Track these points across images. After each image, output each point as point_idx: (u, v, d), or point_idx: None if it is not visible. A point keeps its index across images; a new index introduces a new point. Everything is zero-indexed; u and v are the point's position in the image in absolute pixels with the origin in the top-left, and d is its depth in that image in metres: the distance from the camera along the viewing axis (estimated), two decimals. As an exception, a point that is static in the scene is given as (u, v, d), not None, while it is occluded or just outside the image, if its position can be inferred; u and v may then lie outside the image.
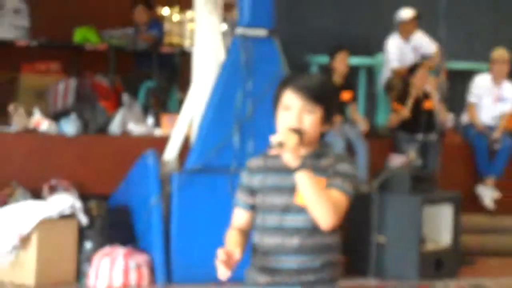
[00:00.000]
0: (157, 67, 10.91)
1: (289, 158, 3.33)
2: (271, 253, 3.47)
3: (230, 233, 3.52)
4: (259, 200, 3.51)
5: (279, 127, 3.46)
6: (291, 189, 3.42)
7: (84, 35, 11.09)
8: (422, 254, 8.14)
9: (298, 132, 3.38)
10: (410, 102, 9.58)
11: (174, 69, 10.98)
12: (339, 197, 3.40)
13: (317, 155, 3.46)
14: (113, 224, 7.78)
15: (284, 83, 3.50)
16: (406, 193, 8.28)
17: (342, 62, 9.66)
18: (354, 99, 9.86)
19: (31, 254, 7.39)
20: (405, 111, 9.53)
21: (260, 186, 3.51)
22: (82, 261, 7.59)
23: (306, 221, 3.43)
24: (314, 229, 3.44)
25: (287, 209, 3.45)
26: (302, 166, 3.34)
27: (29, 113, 9.08)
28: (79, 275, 7.56)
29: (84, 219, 7.66)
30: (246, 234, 3.55)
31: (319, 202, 3.36)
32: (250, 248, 3.61)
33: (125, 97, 9.78)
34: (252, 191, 3.52)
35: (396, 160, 9.05)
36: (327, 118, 3.48)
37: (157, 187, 7.63)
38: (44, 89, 10.33)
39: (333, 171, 3.43)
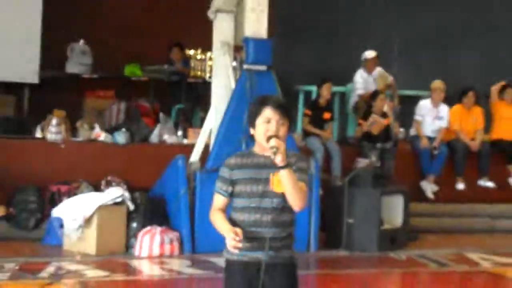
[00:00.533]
0: (185, 94, 10.90)
1: (280, 158, 3.30)
2: (250, 226, 3.43)
3: (218, 214, 3.50)
4: (238, 189, 3.47)
5: (260, 133, 3.43)
6: (266, 180, 3.41)
7: (131, 70, 11.12)
8: (380, 232, 8.14)
9: (278, 137, 3.36)
10: (371, 119, 9.58)
11: (197, 95, 10.94)
12: (305, 188, 3.40)
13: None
14: (152, 210, 7.79)
15: (263, 102, 3.47)
16: (369, 187, 8.28)
17: (327, 90, 9.69)
18: (332, 119, 9.86)
19: (92, 231, 7.43)
20: (367, 126, 9.55)
21: (239, 178, 3.47)
22: (129, 236, 7.60)
23: (277, 203, 3.42)
24: (282, 209, 3.43)
25: (264, 194, 3.42)
26: (288, 165, 3.33)
27: (91, 128, 9.14)
28: (128, 247, 7.58)
29: (131, 206, 7.68)
30: (225, 213, 3.54)
31: (296, 192, 3.35)
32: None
33: (161, 116, 9.76)
34: (231, 182, 3.48)
35: (362, 163, 9.06)
36: (290, 129, 3.49)
37: (184, 182, 7.63)
38: (102, 110, 10.37)
39: (296, 167, 3.41)
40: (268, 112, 3.43)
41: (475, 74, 11.45)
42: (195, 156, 8.06)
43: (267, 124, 3.42)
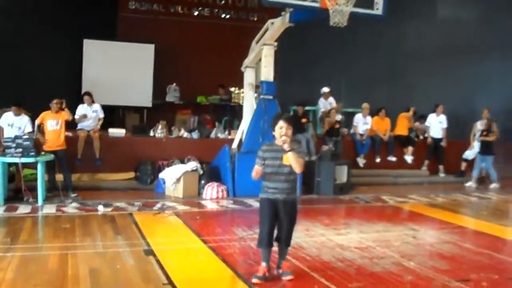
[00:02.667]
0: (229, 111, 10.90)
1: (287, 146, 3.36)
2: (273, 181, 3.45)
3: (255, 171, 3.51)
4: (267, 162, 3.47)
5: (277, 134, 3.46)
6: (281, 158, 3.43)
7: (201, 99, 11.15)
8: (335, 185, 8.08)
9: (286, 135, 3.41)
10: (328, 125, 9.52)
11: (235, 112, 10.92)
12: (302, 161, 3.41)
13: (291, 144, 3.47)
14: (212, 173, 7.72)
15: (278, 118, 3.52)
16: (329, 160, 8.24)
17: (300, 109, 9.65)
18: (308, 121, 9.82)
19: (180, 185, 7.39)
20: (326, 124, 9.51)
21: (267, 157, 3.48)
22: (200, 187, 7.54)
23: (287, 170, 3.44)
24: (290, 173, 3.46)
25: (280, 165, 3.44)
26: (292, 149, 3.37)
27: (179, 130, 9.17)
28: (199, 193, 7.50)
29: (200, 171, 7.65)
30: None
31: (298, 163, 3.37)
32: (261, 183, 3.58)
33: (217, 124, 9.78)
34: (263, 159, 3.49)
35: (325, 148, 9.03)
36: (293, 132, 3.52)
37: (229, 159, 7.58)
38: (185, 120, 10.43)
39: (298, 150, 3.42)
40: (281, 123, 3.50)
41: (384, 100, 11.34)
42: (234, 145, 8.05)
43: (280, 129, 3.48)
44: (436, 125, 10.22)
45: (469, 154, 9.87)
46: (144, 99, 10.72)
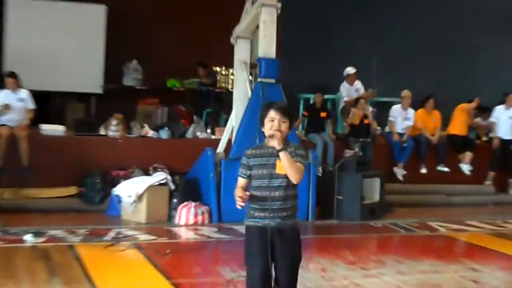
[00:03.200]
0: (212, 101, 10.92)
1: (276, 143, 3.33)
2: (264, 199, 3.40)
3: (238, 188, 3.48)
4: (254, 172, 3.45)
5: (267, 129, 3.44)
6: (273, 165, 3.39)
7: (172, 83, 11.18)
8: (362, 206, 8.13)
9: (279, 131, 3.39)
10: (351, 113, 9.55)
11: (222, 102, 10.95)
12: (301, 167, 3.38)
13: (285, 147, 3.42)
14: (188, 189, 7.79)
15: (268, 107, 3.48)
16: (354, 171, 8.27)
17: (318, 97, 9.77)
18: (328, 116, 9.86)
19: (143, 205, 7.44)
20: (349, 119, 9.56)
21: (254, 164, 3.45)
22: (171, 209, 7.60)
23: (282, 182, 3.39)
24: (287, 186, 3.40)
25: (272, 176, 3.40)
26: (284, 148, 3.34)
27: (142, 127, 9.18)
28: (170, 217, 7.57)
29: (172, 186, 7.71)
30: (245, 190, 3.50)
31: (293, 168, 3.33)
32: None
33: (195, 118, 9.80)
34: (249, 167, 3.46)
35: (348, 153, 9.05)
36: (290, 126, 3.47)
37: (213, 168, 7.63)
38: (150, 113, 10.43)
39: (295, 153, 3.40)
40: (272, 114, 3.43)
41: (432, 86, 11.38)
42: (220, 148, 8.08)
43: (271, 123, 3.42)
44: (506, 121, 10.26)
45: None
46: (92, 82, 10.51)
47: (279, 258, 3.41)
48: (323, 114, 9.73)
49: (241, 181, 3.51)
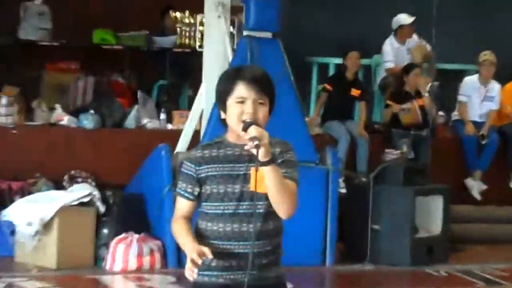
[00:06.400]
0: (169, 67, 10.93)
1: (263, 153, 3.21)
2: (225, 239, 3.40)
3: (181, 223, 3.43)
4: (208, 190, 3.43)
5: (233, 118, 3.36)
6: (244, 177, 3.37)
7: (102, 37, 11.08)
8: (415, 241, 8.10)
9: (257, 124, 3.27)
10: (408, 105, 9.54)
11: (185, 69, 10.92)
12: (294, 188, 3.34)
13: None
14: (128, 212, 7.77)
15: (235, 77, 3.39)
16: (400, 184, 8.24)
17: (354, 61, 9.78)
18: (363, 97, 9.85)
19: (52, 239, 7.39)
20: (397, 107, 9.52)
21: (208, 175, 3.42)
22: (99, 246, 7.58)
23: (261, 207, 3.39)
24: (267, 215, 3.39)
25: (242, 196, 3.38)
26: (273, 160, 3.26)
27: (51, 109, 9.10)
28: (97, 259, 7.55)
29: (101, 207, 7.65)
30: (191, 222, 3.46)
31: (283, 195, 3.30)
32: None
33: (140, 95, 9.74)
34: (198, 181, 3.43)
35: (391, 154, 9.02)
36: (271, 109, 3.41)
37: (169, 178, 7.59)
38: (65, 86, 10.32)
39: (282, 159, 3.36)
40: (241, 90, 3.35)
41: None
42: (182, 145, 8.03)
43: (240, 105, 3.35)
44: None
45: None
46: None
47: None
48: (355, 92, 9.75)
49: (184, 206, 3.47)
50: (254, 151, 3.22)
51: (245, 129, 3.25)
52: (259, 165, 3.25)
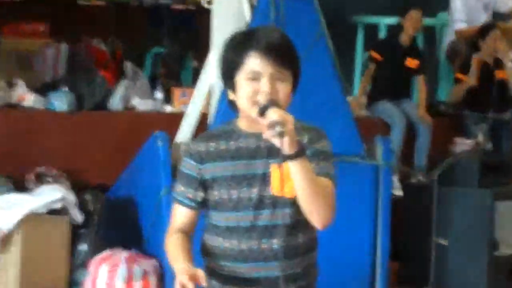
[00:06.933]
0: (167, 29, 11.00)
1: (288, 143, 3.20)
2: (241, 259, 3.46)
3: (175, 239, 3.50)
4: (216, 195, 3.47)
5: (244, 98, 3.40)
6: (263, 178, 3.41)
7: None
8: (494, 260, 8.17)
9: (278, 105, 3.29)
10: (475, 69, 9.56)
11: (189, 32, 10.99)
12: (330, 187, 3.36)
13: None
14: (114, 222, 7.83)
15: (244, 43, 3.43)
16: (475, 185, 8.28)
17: (414, 22, 9.83)
18: (422, 69, 9.88)
19: (13, 258, 7.43)
20: (471, 80, 9.52)
21: (216, 176, 3.47)
22: (75, 266, 7.64)
23: (286, 217, 3.43)
24: (296, 226, 3.44)
25: (261, 203, 3.42)
26: (303, 151, 3.25)
27: (11, 85, 9.13)
28: (72, 284, 7.62)
29: (78, 216, 7.69)
30: (191, 237, 3.53)
31: (317, 197, 3.31)
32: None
33: (128, 66, 9.79)
34: (201, 184, 3.48)
35: (462, 145, 9.03)
36: (295, 86, 3.46)
37: (168, 175, 7.57)
38: (29, 55, 10.37)
39: (313, 150, 3.38)
40: (253, 62, 3.39)
41: None
42: (185, 133, 8.08)
43: (253, 83, 3.38)
44: None
45: None
46: None
47: None
48: (411, 63, 9.82)
49: (181, 216, 3.55)
50: (275, 141, 3.20)
51: (261, 113, 3.27)
52: (283, 160, 3.25)
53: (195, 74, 9.23)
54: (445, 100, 10.35)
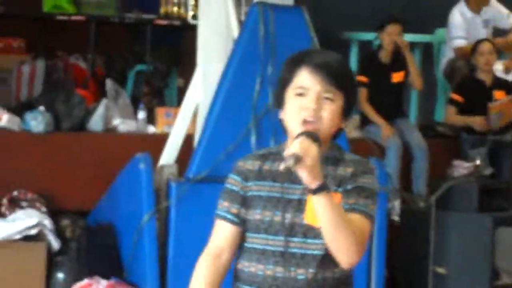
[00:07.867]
0: (151, 46, 10.97)
1: (308, 176, 3.23)
2: (264, 287, 3.49)
3: (206, 269, 3.54)
4: (250, 215, 3.52)
5: (289, 117, 3.45)
6: (298, 204, 3.45)
7: (55, 3, 11.11)
8: (495, 289, 8.13)
9: (315, 136, 3.31)
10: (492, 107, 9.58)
11: (173, 48, 10.98)
12: (364, 225, 3.40)
13: (331, 160, 3.46)
14: (93, 249, 7.80)
15: (298, 60, 3.50)
16: (474, 210, 8.25)
17: (390, 36, 9.78)
18: (408, 75, 9.87)
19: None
20: (478, 120, 9.52)
21: (253, 195, 3.52)
22: (52, 295, 7.59)
23: (317, 248, 3.46)
24: (327, 259, 3.45)
25: (292, 229, 3.46)
26: (324, 187, 3.26)
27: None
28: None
29: (55, 242, 7.69)
30: (229, 261, 3.55)
31: (340, 235, 3.34)
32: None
33: (109, 85, 9.76)
34: (243, 201, 3.53)
35: (461, 168, 9.02)
36: (346, 111, 3.48)
37: (150, 200, 7.62)
38: (4, 73, 10.35)
39: (354, 185, 3.42)
40: (303, 76, 3.44)
41: None
42: (169, 156, 8.03)
43: (301, 99, 3.44)
44: None
45: None
46: None
47: None
48: (397, 77, 9.80)
49: (225, 234, 3.57)
50: (294, 171, 3.24)
51: (298, 137, 3.32)
52: (307, 193, 3.33)
53: (180, 93, 9.22)
54: (442, 121, 10.33)
